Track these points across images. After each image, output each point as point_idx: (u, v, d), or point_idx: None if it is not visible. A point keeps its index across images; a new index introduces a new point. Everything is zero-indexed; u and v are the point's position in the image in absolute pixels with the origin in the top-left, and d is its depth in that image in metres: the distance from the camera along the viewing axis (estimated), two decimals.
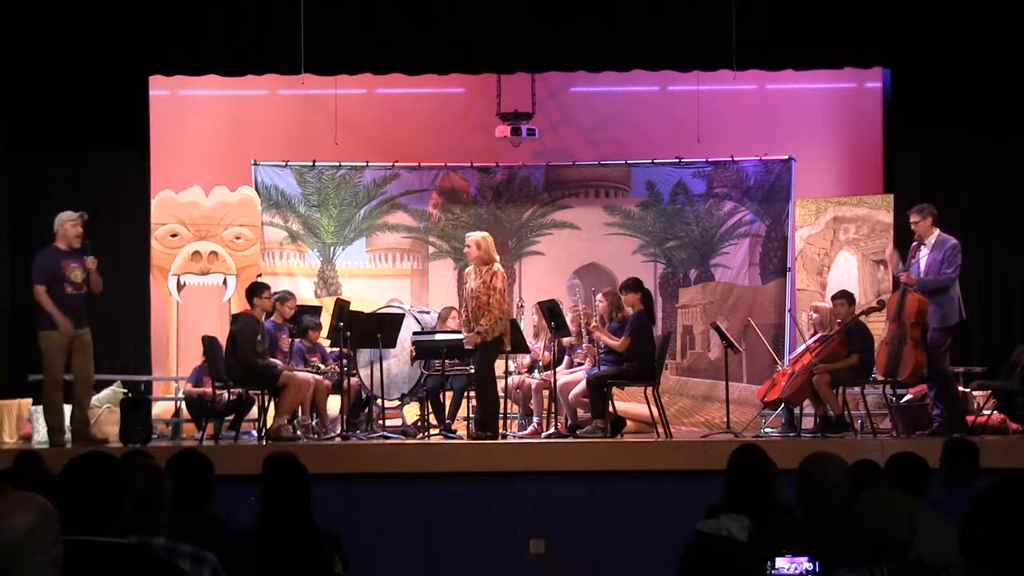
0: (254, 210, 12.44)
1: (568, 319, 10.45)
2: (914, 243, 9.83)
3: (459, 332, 10.56)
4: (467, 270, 9.98)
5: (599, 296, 10.30)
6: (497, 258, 9.85)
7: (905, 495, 4.01)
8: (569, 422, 9.96)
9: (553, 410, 10.05)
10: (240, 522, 4.80)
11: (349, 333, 9.84)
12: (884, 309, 10.19)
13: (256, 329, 9.76)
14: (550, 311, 10.04)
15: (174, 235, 12.31)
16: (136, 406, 9.83)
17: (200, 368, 10.97)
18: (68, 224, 9.31)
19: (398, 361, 10.37)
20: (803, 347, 10.51)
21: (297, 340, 10.53)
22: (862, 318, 10.17)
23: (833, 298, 10.44)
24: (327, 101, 12.26)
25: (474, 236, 9.82)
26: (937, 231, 9.75)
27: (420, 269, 12.88)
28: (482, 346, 9.56)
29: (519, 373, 10.72)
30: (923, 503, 4.96)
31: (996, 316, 11.60)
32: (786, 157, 12.53)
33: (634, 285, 10.08)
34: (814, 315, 10.50)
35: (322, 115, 12.39)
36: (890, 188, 12.08)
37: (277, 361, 9.99)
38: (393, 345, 10.08)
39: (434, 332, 10.33)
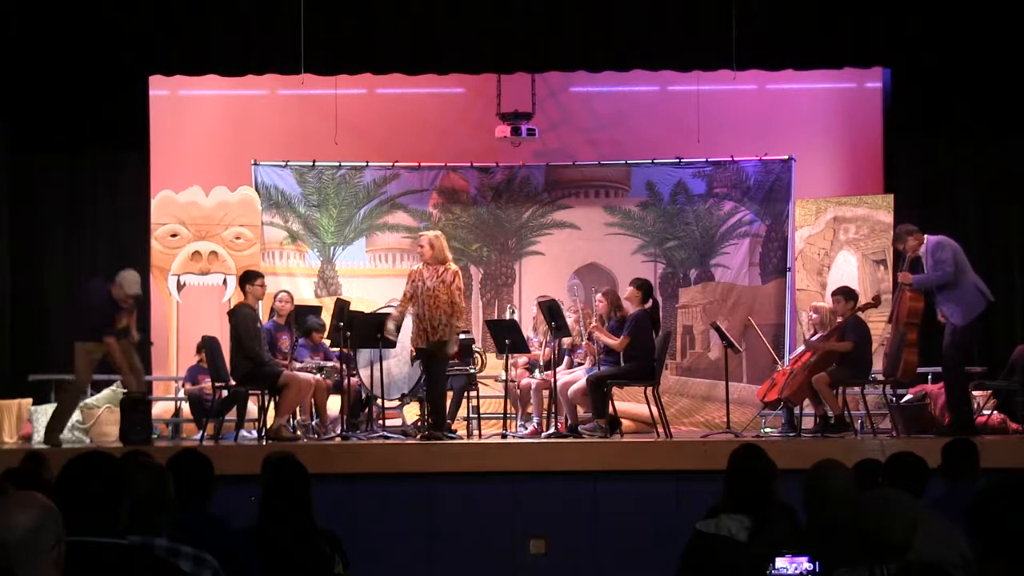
0: (254, 210, 12.44)
1: (570, 320, 10.46)
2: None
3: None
4: (415, 268, 9.92)
5: (598, 296, 10.30)
6: (451, 257, 9.88)
7: (905, 495, 4.01)
8: (569, 422, 9.95)
9: (553, 410, 10.05)
10: (240, 522, 4.80)
11: (349, 333, 9.84)
12: (880, 305, 10.23)
13: (254, 316, 9.75)
14: (550, 311, 10.04)
15: (174, 235, 12.31)
16: (136, 406, 9.81)
17: (195, 368, 10.97)
18: (128, 284, 9.53)
19: (398, 361, 10.36)
20: (802, 347, 10.51)
21: (300, 339, 10.54)
22: (859, 314, 10.15)
23: (832, 294, 10.40)
24: (327, 101, 12.25)
25: (427, 235, 9.85)
26: (925, 238, 9.73)
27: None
28: (438, 345, 9.54)
29: (516, 372, 10.72)
30: (923, 503, 4.95)
31: (996, 316, 11.57)
32: (786, 157, 12.53)
33: (641, 284, 10.08)
34: (814, 315, 10.50)
35: (322, 115, 12.38)
36: (890, 188, 12.08)
37: (283, 363, 10.01)
38: (393, 345, 10.08)
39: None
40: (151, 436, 9.79)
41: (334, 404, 10.43)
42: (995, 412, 10.19)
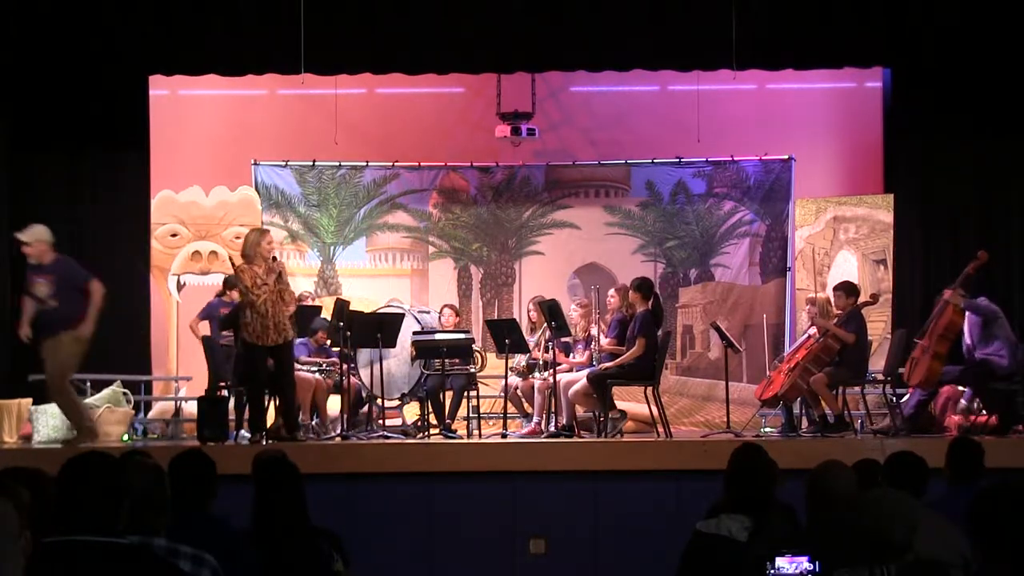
0: (254, 210, 12.45)
1: (576, 315, 10.52)
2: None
3: (459, 332, 10.59)
4: (244, 266, 9.25)
5: (611, 292, 10.35)
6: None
7: (905, 495, 4.01)
8: (564, 421, 9.93)
9: (553, 409, 10.05)
10: (240, 522, 4.80)
11: (349, 333, 9.84)
12: (877, 302, 10.28)
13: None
14: (550, 311, 10.04)
15: (174, 235, 12.31)
16: (214, 404, 9.55)
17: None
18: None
19: (398, 361, 10.37)
20: (798, 343, 10.50)
21: (302, 339, 10.54)
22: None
23: (834, 289, 10.36)
24: (327, 101, 12.26)
25: (269, 233, 9.55)
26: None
27: (420, 269, 12.89)
28: (284, 346, 9.20)
29: (517, 373, 10.72)
30: (923, 503, 4.95)
31: None
32: (786, 157, 12.54)
33: (640, 285, 10.05)
34: (811, 307, 10.46)
35: (322, 115, 12.39)
36: (890, 188, 12.09)
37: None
38: (393, 345, 10.08)
39: (434, 332, 10.34)
40: (226, 435, 9.42)
41: (334, 404, 10.43)
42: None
